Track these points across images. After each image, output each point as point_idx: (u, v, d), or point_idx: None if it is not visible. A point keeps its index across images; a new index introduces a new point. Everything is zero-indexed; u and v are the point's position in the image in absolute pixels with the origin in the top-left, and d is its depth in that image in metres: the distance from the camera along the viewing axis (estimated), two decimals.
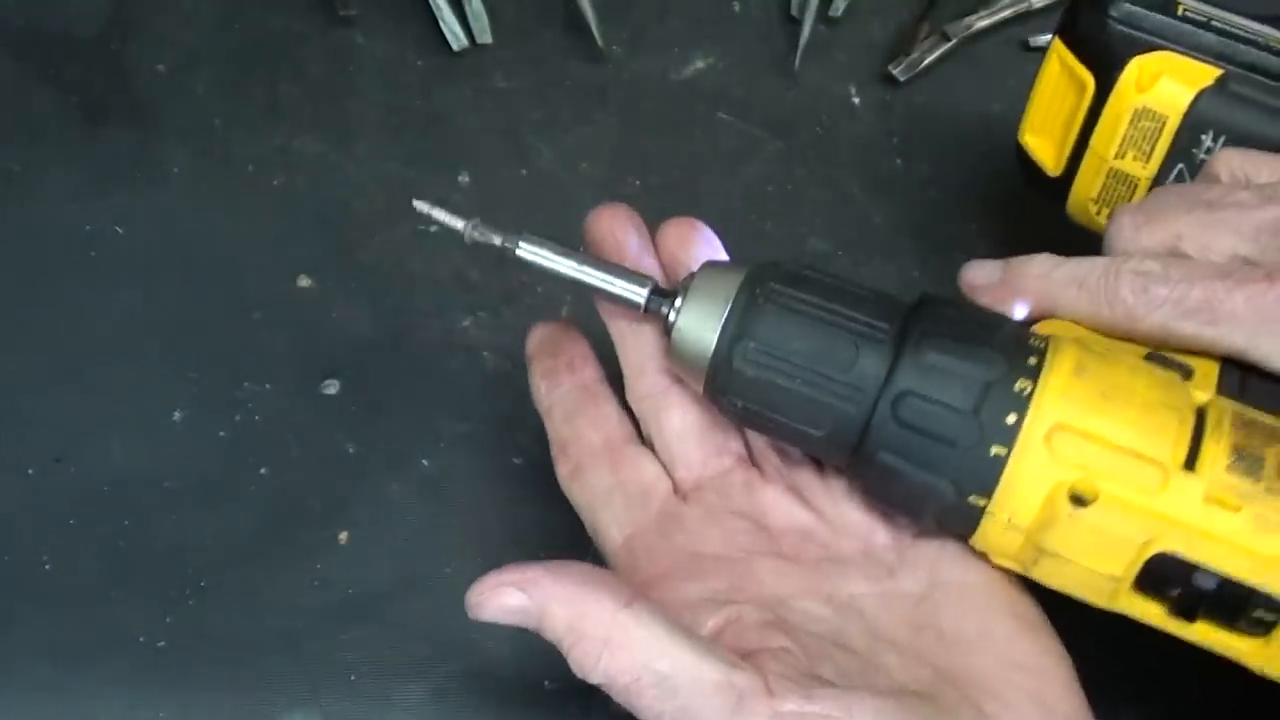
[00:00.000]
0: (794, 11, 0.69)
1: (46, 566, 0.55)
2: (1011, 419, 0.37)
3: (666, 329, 0.43)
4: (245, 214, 0.63)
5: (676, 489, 0.46)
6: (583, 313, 0.61)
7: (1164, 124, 0.49)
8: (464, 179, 0.65)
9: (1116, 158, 0.51)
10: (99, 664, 0.53)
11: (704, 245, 0.47)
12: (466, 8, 0.68)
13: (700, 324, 0.41)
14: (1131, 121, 0.50)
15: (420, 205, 0.45)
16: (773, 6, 0.70)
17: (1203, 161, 0.48)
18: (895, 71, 0.67)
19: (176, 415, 0.58)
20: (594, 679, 0.38)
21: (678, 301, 0.42)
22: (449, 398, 0.59)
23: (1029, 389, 0.38)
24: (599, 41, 0.67)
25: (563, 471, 0.47)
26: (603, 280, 0.44)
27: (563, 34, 0.68)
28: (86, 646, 0.53)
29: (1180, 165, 0.50)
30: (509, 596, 0.41)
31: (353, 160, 0.65)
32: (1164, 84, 0.49)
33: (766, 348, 0.40)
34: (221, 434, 0.58)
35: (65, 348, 0.60)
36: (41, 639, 0.53)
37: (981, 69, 0.69)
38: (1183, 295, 0.40)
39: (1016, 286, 0.44)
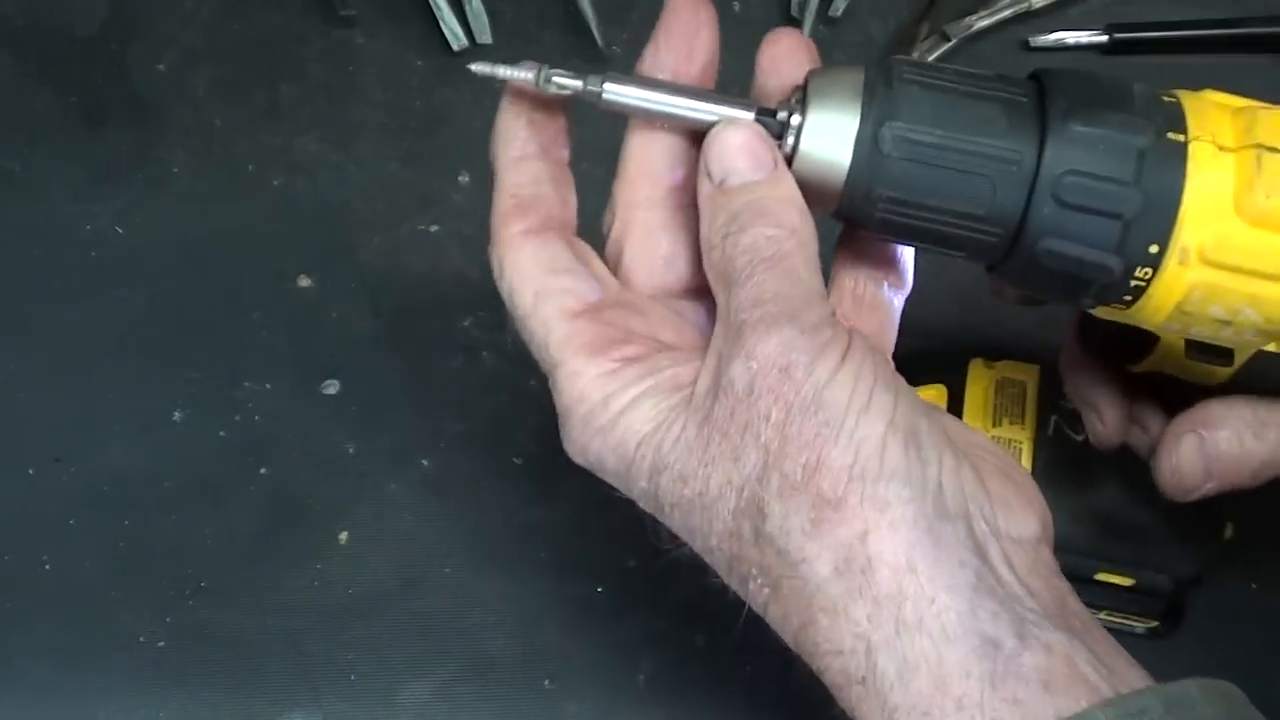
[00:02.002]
0: (794, 11, 0.69)
1: (46, 566, 0.55)
2: (1175, 174, 0.37)
3: (784, 149, 0.38)
4: (245, 214, 0.63)
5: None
6: None
7: None
8: (464, 179, 0.65)
9: None
10: (99, 664, 0.53)
11: (810, 58, 0.42)
12: (466, 8, 0.68)
13: (833, 124, 0.38)
14: None
15: (479, 67, 0.40)
16: (773, 6, 0.70)
17: None
18: None
19: (176, 415, 0.58)
20: (757, 232, 0.36)
21: (794, 118, 0.38)
22: (449, 398, 0.59)
23: (1182, 138, 0.37)
24: (599, 41, 0.67)
25: (514, 229, 0.40)
26: (703, 110, 0.39)
27: (563, 34, 0.68)
28: (86, 646, 0.53)
29: None
30: (759, 145, 0.38)
31: (353, 160, 0.65)
32: None
33: (915, 126, 0.37)
34: (221, 434, 0.58)
35: (65, 348, 0.60)
36: (41, 639, 0.54)
37: (981, 69, 0.69)
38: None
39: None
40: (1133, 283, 0.37)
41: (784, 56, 0.42)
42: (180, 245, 0.62)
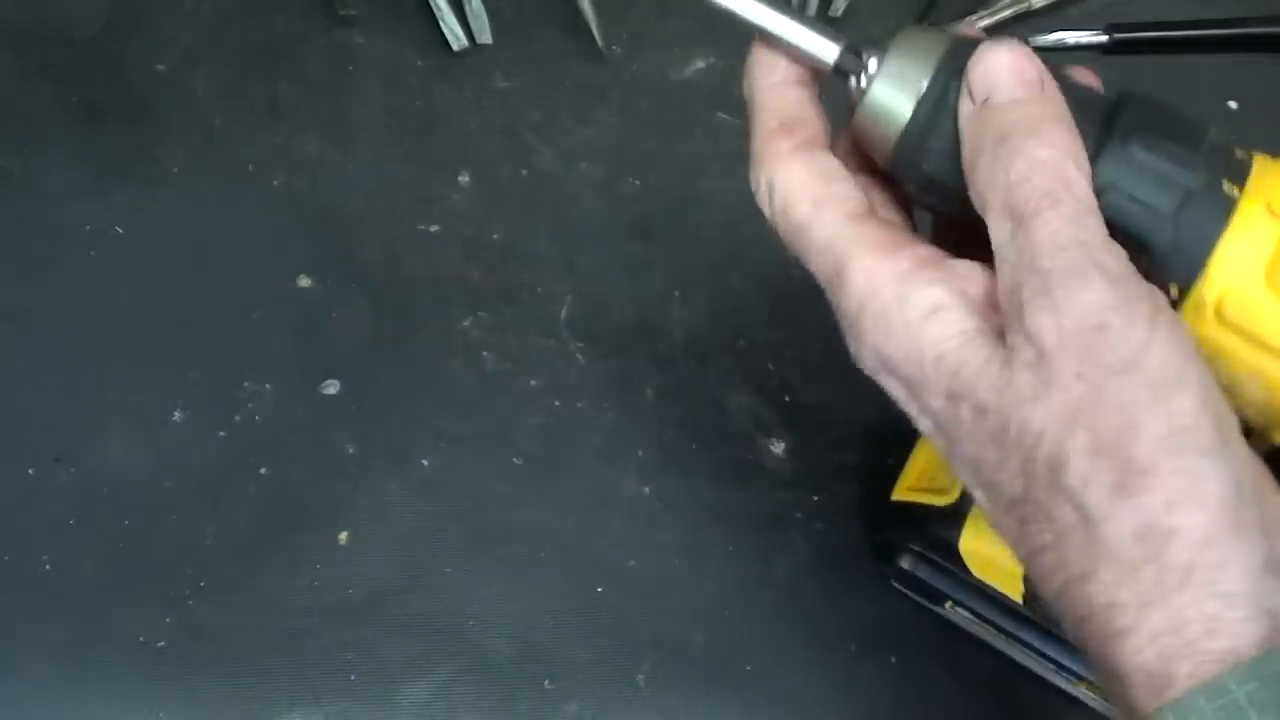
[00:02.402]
0: None
1: (46, 566, 0.55)
2: (1215, 224, 0.37)
3: (856, 91, 0.40)
4: (245, 214, 0.63)
5: None
6: (583, 314, 0.61)
7: None
8: (464, 179, 0.65)
9: None
10: (99, 664, 0.53)
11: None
12: (466, 8, 0.68)
13: (906, 73, 0.39)
14: None
15: None
16: None
17: None
18: None
19: (176, 415, 0.58)
20: (1034, 154, 0.35)
21: (873, 61, 0.39)
22: (449, 398, 0.59)
23: (1236, 193, 0.37)
24: (599, 41, 0.67)
25: (782, 146, 0.39)
26: (793, 31, 0.40)
27: (563, 34, 0.68)
28: (86, 646, 0.53)
29: None
30: (1027, 62, 0.37)
31: (353, 160, 0.65)
32: None
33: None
34: (221, 434, 0.58)
35: (65, 348, 0.60)
36: (41, 639, 0.53)
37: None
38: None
39: None
40: (1171, 289, 0.37)
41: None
42: (180, 245, 0.62)
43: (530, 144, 0.66)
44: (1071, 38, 0.69)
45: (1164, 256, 0.36)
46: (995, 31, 0.69)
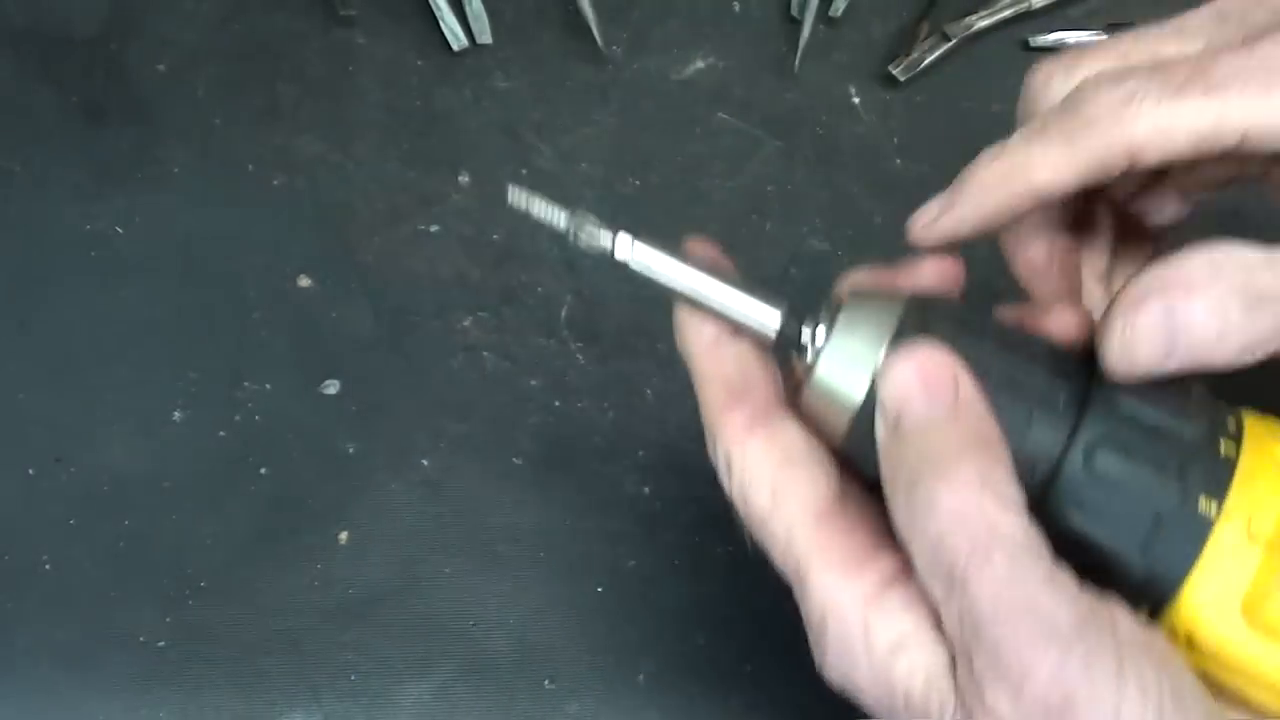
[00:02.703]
0: (794, 11, 0.69)
1: (46, 566, 0.55)
2: (1187, 551, 0.33)
3: (800, 366, 0.37)
4: (245, 214, 0.63)
5: None
6: (583, 314, 0.61)
7: None
8: (464, 179, 0.65)
9: None
10: (99, 664, 0.53)
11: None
12: (466, 8, 0.68)
13: (851, 361, 0.35)
14: None
15: (515, 196, 0.39)
16: (773, 6, 0.70)
17: None
18: (895, 71, 0.67)
19: (176, 415, 0.58)
20: (941, 509, 0.32)
21: (819, 333, 0.36)
22: (449, 398, 0.59)
23: (1213, 512, 0.33)
24: (599, 41, 0.67)
25: (736, 422, 0.37)
26: (728, 299, 0.37)
27: (563, 34, 0.68)
28: (86, 646, 0.53)
29: None
30: (937, 376, 0.34)
31: (353, 160, 0.65)
32: None
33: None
34: (221, 434, 0.58)
35: (65, 348, 0.60)
36: (41, 639, 0.53)
37: (981, 69, 0.69)
38: (1165, 77, 0.35)
39: (972, 186, 0.38)
40: (1155, 591, 0.34)
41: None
42: (180, 245, 0.62)
43: (530, 144, 0.66)
44: (1071, 38, 0.69)
45: (1132, 585, 0.34)
46: (995, 31, 0.69)
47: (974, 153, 0.66)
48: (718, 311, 0.37)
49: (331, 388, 0.59)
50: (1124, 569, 0.34)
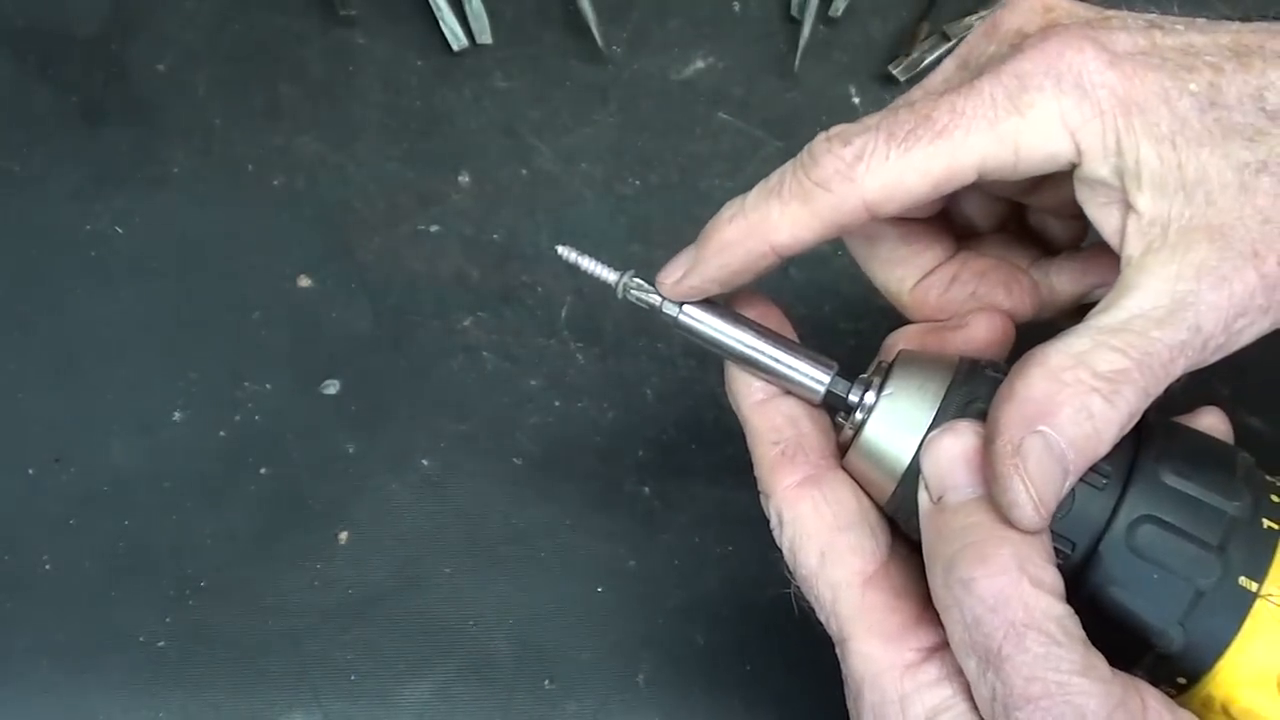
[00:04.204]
0: (794, 11, 0.69)
1: (46, 566, 0.55)
2: (1228, 623, 0.34)
3: (848, 424, 0.37)
4: (245, 214, 0.63)
5: None
6: (583, 314, 0.61)
7: None
8: (464, 179, 0.65)
9: None
10: (99, 664, 0.53)
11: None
12: (466, 8, 0.68)
13: (899, 426, 0.36)
14: None
15: (565, 253, 0.40)
16: (773, 6, 0.70)
17: None
18: (895, 71, 0.67)
19: (176, 415, 0.58)
20: (978, 588, 0.33)
21: (869, 395, 0.37)
22: (449, 398, 0.59)
23: (1255, 587, 0.34)
24: (599, 41, 0.67)
25: (789, 481, 0.38)
26: (777, 361, 0.37)
27: (563, 34, 0.68)
28: (86, 646, 0.54)
29: None
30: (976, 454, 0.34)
31: (353, 160, 0.65)
32: None
33: None
34: (221, 434, 0.58)
35: (65, 348, 0.60)
36: (41, 639, 0.54)
37: None
38: (890, 130, 0.35)
39: (714, 245, 0.39)
40: (1189, 662, 0.35)
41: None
42: (180, 245, 0.62)
43: (530, 144, 0.66)
44: None
45: (1169, 657, 0.34)
46: None
47: None
48: (767, 371, 0.38)
49: (331, 388, 0.59)
50: (1162, 640, 0.34)
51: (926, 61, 0.67)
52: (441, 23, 0.67)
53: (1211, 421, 0.40)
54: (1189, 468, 0.35)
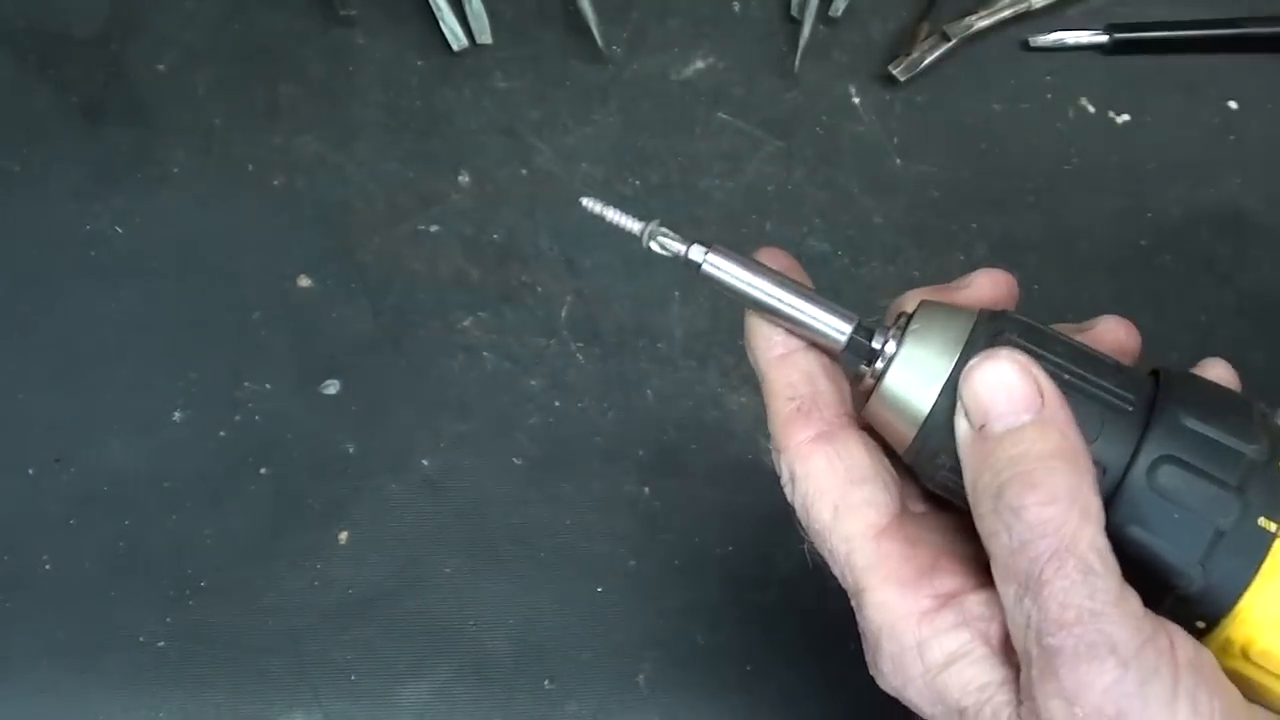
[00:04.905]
0: (794, 11, 0.69)
1: (46, 566, 0.55)
2: (1247, 565, 0.34)
3: (869, 373, 0.37)
4: (245, 214, 0.63)
5: None
6: (583, 314, 0.61)
7: None
8: (464, 179, 0.65)
9: None
10: (99, 664, 0.53)
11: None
12: (466, 8, 0.68)
13: (922, 372, 0.36)
14: None
15: (589, 203, 0.39)
16: (773, 6, 0.70)
17: None
18: (895, 71, 0.67)
19: (176, 415, 0.58)
20: (1028, 516, 0.33)
21: (890, 344, 0.36)
22: (449, 398, 0.59)
23: (1274, 527, 0.34)
24: (599, 41, 0.67)
25: (802, 436, 0.37)
26: (799, 309, 0.37)
27: (563, 34, 0.68)
28: (86, 646, 0.53)
29: None
30: (1021, 384, 0.34)
31: (353, 160, 0.65)
32: None
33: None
34: (221, 434, 0.58)
35: (65, 348, 0.60)
36: (41, 639, 0.54)
37: (981, 69, 0.69)
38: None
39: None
40: (1211, 604, 0.35)
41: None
42: (180, 245, 0.62)
43: (530, 144, 0.66)
44: (1071, 38, 0.69)
45: (1189, 598, 0.34)
46: (995, 31, 0.69)
47: (974, 153, 0.66)
48: (789, 320, 0.37)
49: (331, 388, 0.59)
50: (1182, 580, 0.35)
51: (926, 61, 0.68)
52: (441, 23, 0.67)
53: (1220, 372, 0.40)
54: (1207, 412, 0.35)
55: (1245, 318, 0.62)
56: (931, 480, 0.37)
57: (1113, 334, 0.40)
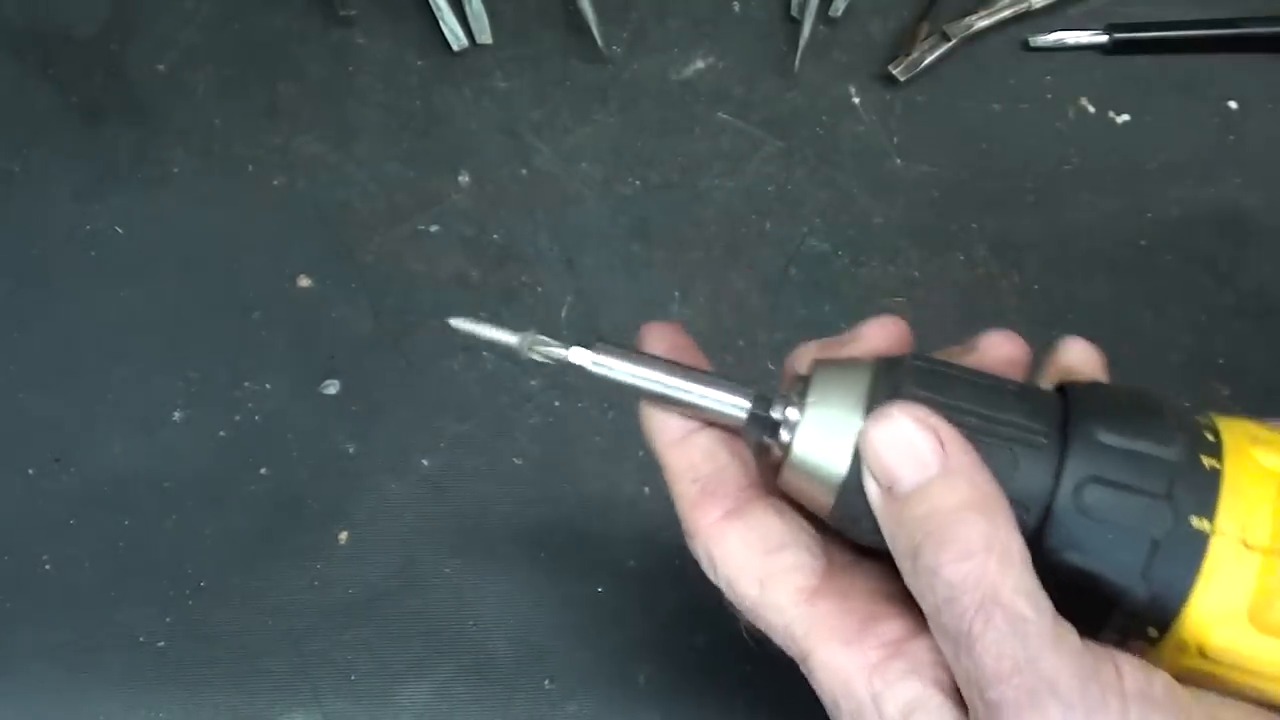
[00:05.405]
0: (794, 11, 0.69)
1: (46, 566, 0.55)
2: (1187, 568, 0.34)
3: (775, 445, 0.36)
4: (245, 214, 0.63)
5: None
6: (583, 314, 0.61)
7: None
8: (464, 179, 0.65)
9: None
10: (99, 664, 0.53)
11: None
12: (466, 8, 0.68)
13: (829, 432, 0.35)
14: None
15: (458, 323, 0.39)
16: (773, 6, 0.70)
17: None
18: (895, 71, 0.67)
19: (176, 415, 0.58)
20: (944, 573, 0.32)
21: (791, 411, 0.36)
22: (449, 398, 0.59)
23: (1206, 527, 0.34)
24: (599, 41, 0.67)
25: (711, 517, 0.37)
26: (694, 394, 0.36)
27: (563, 34, 0.68)
28: (86, 646, 0.53)
29: None
30: (921, 440, 0.34)
31: (353, 160, 0.65)
32: None
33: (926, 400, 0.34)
34: (221, 434, 0.58)
35: (65, 348, 0.60)
36: (41, 639, 0.54)
37: (981, 69, 0.69)
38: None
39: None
40: (1157, 613, 0.34)
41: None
42: (180, 245, 0.62)
43: (530, 144, 0.66)
44: (1071, 38, 0.69)
45: (1136, 612, 0.34)
46: (995, 31, 0.69)
47: (974, 152, 0.66)
48: (686, 405, 0.37)
49: (331, 388, 0.59)
50: (1126, 596, 0.34)
51: (926, 61, 0.67)
52: (441, 23, 0.67)
53: (1080, 351, 0.40)
54: (1122, 423, 0.34)
55: (1245, 318, 0.62)
56: (860, 540, 0.36)
57: (999, 349, 0.39)
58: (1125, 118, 0.67)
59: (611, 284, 0.62)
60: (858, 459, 0.35)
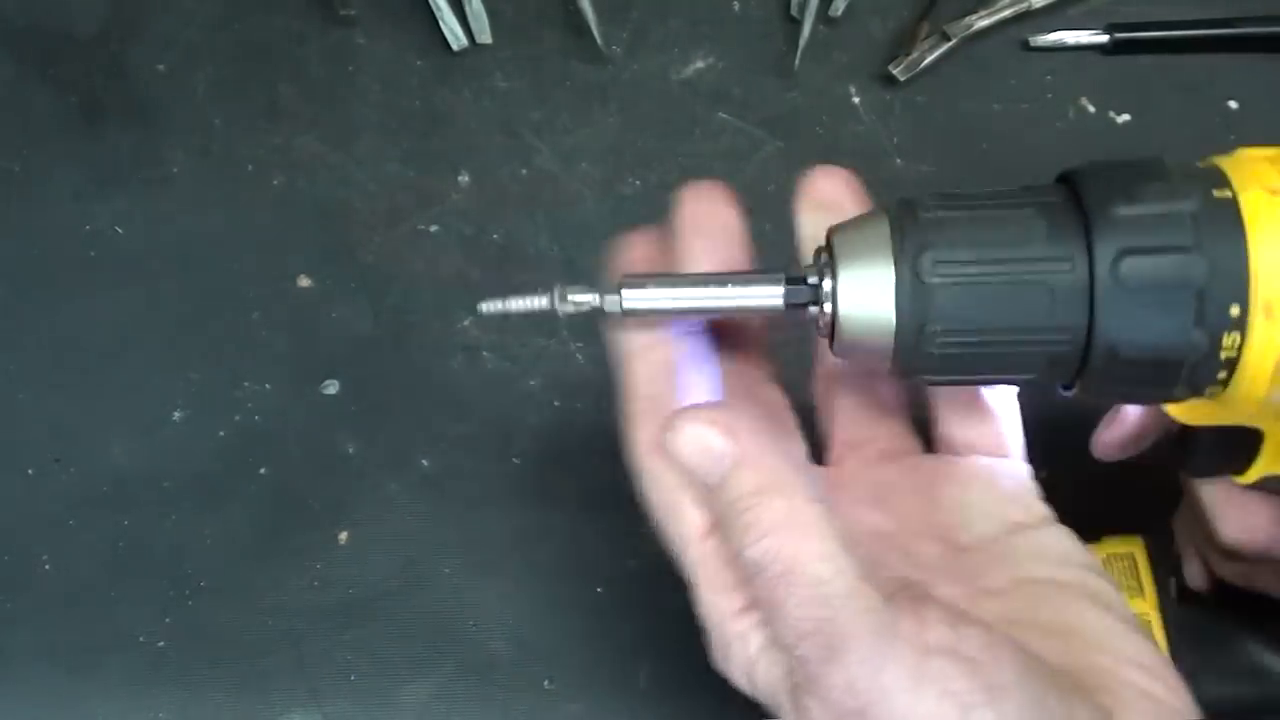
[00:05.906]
0: (794, 11, 0.69)
1: (46, 566, 0.55)
2: (1234, 229, 0.34)
3: (821, 316, 0.37)
4: (245, 214, 0.63)
5: None
6: (583, 312, 0.61)
7: None
8: (464, 179, 0.65)
9: None
10: (99, 664, 0.53)
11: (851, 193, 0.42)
12: (466, 8, 0.68)
13: (868, 276, 0.35)
14: None
15: (488, 306, 0.40)
16: (773, 6, 0.70)
17: None
18: (895, 71, 0.67)
19: (176, 415, 0.58)
20: (747, 554, 0.35)
21: (826, 281, 0.36)
22: (449, 398, 0.59)
23: (1229, 194, 0.35)
24: (599, 41, 0.67)
25: (646, 435, 0.39)
26: (732, 297, 0.37)
27: (563, 34, 0.68)
28: (86, 646, 0.54)
29: None
30: (712, 438, 0.36)
31: (353, 160, 0.65)
32: None
33: (953, 250, 0.35)
34: (221, 434, 0.58)
35: (65, 348, 0.60)
36: (41, 639, 0.54)
37: (981, 69, 0.69)
38: None
39: None
40: (1223, 354, 0.35)
41: (827, 201, 0.42)
42: (180, 245, 0.62)
43: (530, 144, 0.66)
44: (1071, 38, 0.69)
45: (1209, 286, 0.34)
46: (995, 31, 0.69)
47: (974, 152, 0.66)
48: (721, 310, 0.38)
49: (331, 388, 0.59)
50: (1192, 352, 0.35)
51: (926, 61, 0.67)
52: (441, 23, 0.67)
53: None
54: (1133, 192, 0.35)
55: None
56: (932, 364, 0.36)
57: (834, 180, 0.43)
58: (1125, 118, 0.67)
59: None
60: (903, 287, 0.35)
